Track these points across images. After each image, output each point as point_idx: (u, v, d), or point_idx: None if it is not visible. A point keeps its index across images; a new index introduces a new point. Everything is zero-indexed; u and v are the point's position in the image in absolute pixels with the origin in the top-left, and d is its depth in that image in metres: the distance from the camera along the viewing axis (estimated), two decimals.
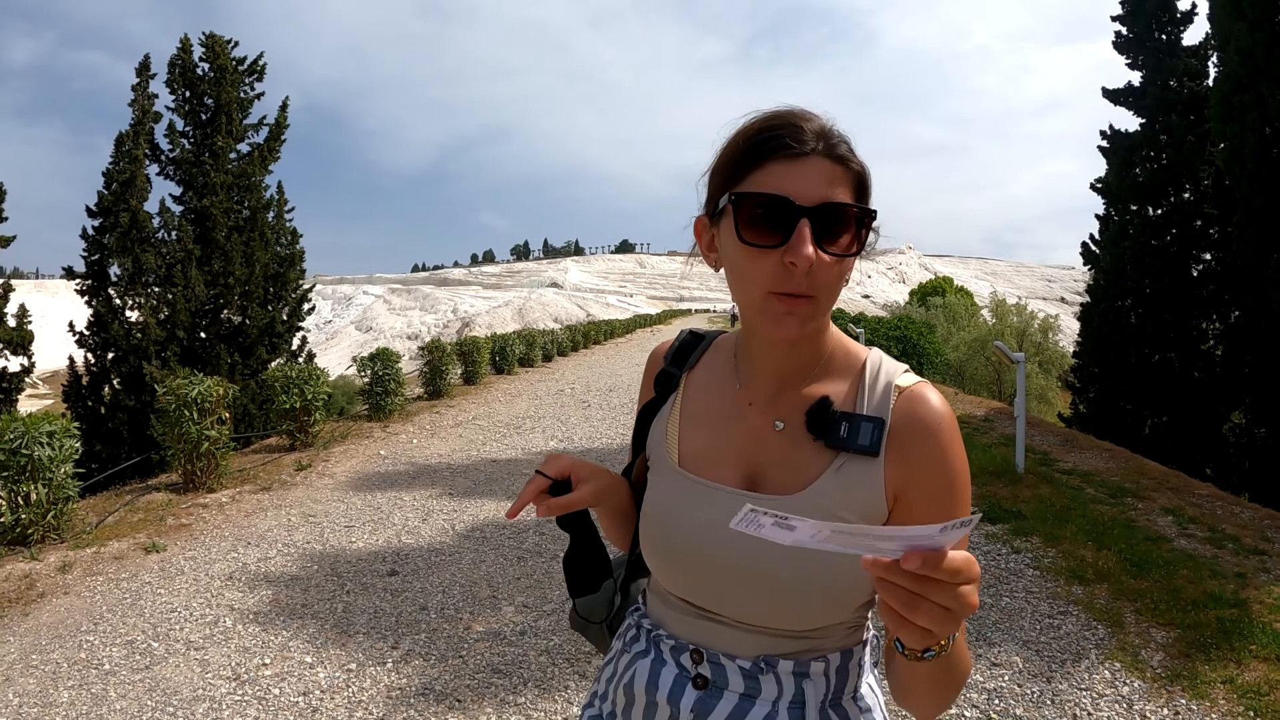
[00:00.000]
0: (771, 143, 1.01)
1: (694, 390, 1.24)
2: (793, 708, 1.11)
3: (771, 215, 0.99)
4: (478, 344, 18.39)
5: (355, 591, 5.34)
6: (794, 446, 1.11)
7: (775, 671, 1.11)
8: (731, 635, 1.13)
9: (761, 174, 1.01)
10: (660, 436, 1.23)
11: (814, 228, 0.98)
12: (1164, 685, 3.78)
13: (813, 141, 1.00)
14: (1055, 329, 37.50)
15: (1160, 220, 15.52)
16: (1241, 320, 13.28)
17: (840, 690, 1.14)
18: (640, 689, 1.19)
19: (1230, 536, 5.89)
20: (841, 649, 1.14)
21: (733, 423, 1.17)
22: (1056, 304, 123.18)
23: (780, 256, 0.99)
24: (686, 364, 1.27)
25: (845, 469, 1.07)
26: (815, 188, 0.99)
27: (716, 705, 1.12)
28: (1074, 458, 8.74)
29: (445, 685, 4.00)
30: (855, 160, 1.04)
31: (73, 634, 4.74)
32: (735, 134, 1.07)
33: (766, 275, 1.01)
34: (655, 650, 1.20)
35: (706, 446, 1.17)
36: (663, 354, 1.31)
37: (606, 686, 1.28)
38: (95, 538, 6.47)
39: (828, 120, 1.05)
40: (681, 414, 1.22)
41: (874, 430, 1.07)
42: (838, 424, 1.08)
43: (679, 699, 1.14)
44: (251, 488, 8.28)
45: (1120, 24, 16.51)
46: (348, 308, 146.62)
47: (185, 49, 17.05)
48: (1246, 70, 11.12)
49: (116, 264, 15.39)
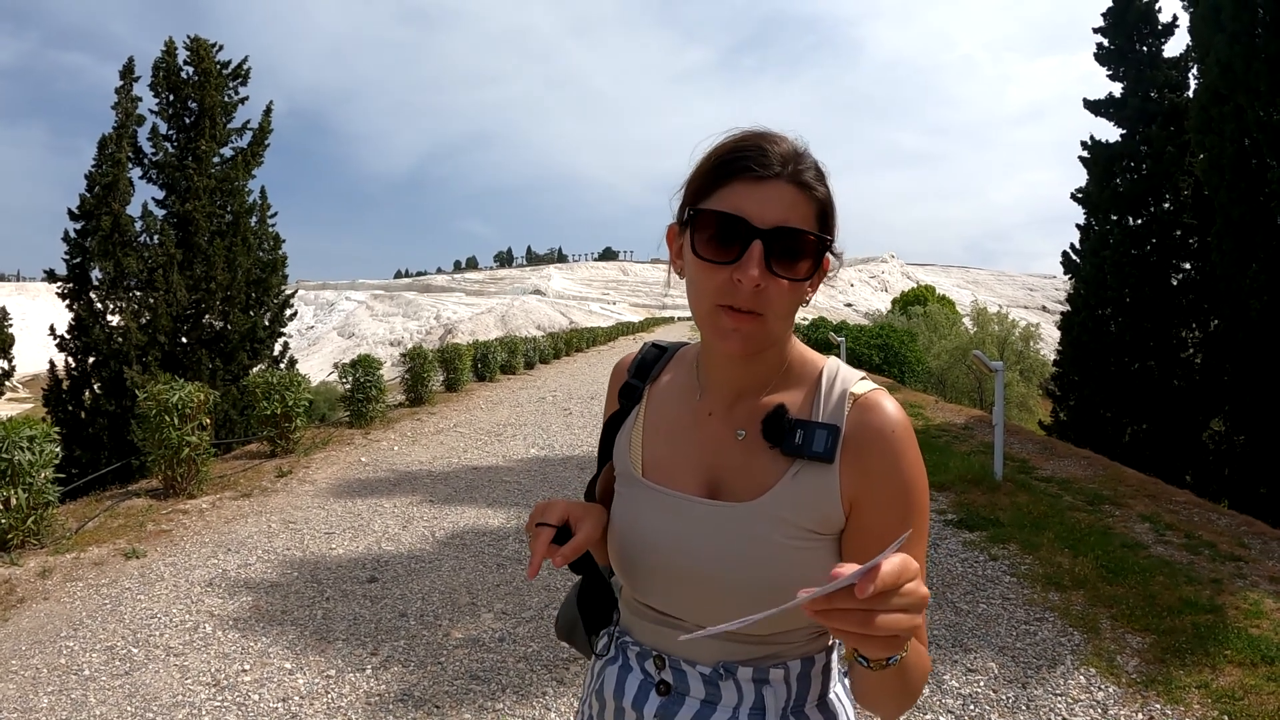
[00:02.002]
0: (738, 163, 1.03)
1: (657, 401, 1.26)
2: (753, 713, 1.11)
3: (727, 233, 1.02)
4: (460, 351, 18.36)
5: (335, 598, 5.33)
6: (753, 455, 1.12)
7: (735, 678, 1.12)
8: (691, 641, 1.12)
9: (725, 192, 1.03)
10: (625, 447, 1.24)
11: (767, 249, 1.00)
12: (1139, 690, 3.82)
13: (778, 166, 1.03)
14: (1036, 337, 37.78)
15: (1140, 230, 15.67)
16: (1220, 329, 13.41)
17: (803, 698, 1.14)
18: (609, 695, 1.21)
19: (1207, 543, 5.94)
20: (803, 656, 1.14)
21: (693, 432, 1.18)
22: (1038, 312, 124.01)
23: (730, 273, 1.01)
24: (649, 376, 1.29)
25: (801, 476, 1.08)
26: (773, 211, 1.01)
27: (678, 711, 1.13)
28: (1052, 465, 8.80)
29: (424, 691, 4.00)
30: (820, 189, 1.06)
31: (52, 639, 4.71)
32: (709, 151, 1.09)
33: (716, 289, 1.03)
34: (623, 657, 1.22)
35: (668, 456, 1.19)
36: (626, 367, 1.33)
37: (586, 692, 1.30)
38: (75, 543, 6.44)
39: (800, 144, 1.07)
40: (645, 425, 1.24)
41: (828, 437, 1.08)
42: (793, 431, 1.09)
43: (643, 705, 1.16)
44: (232, 494, 8.25)
45: (1102, 35, 16.68)
46: (330, 313, 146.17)
47: (170, 52, 17.01)
48: (1225, 82, 11.25)
49: (98, 267, 15.33)
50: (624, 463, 1.24)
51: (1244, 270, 11.16)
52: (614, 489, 1.27)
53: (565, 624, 1.45)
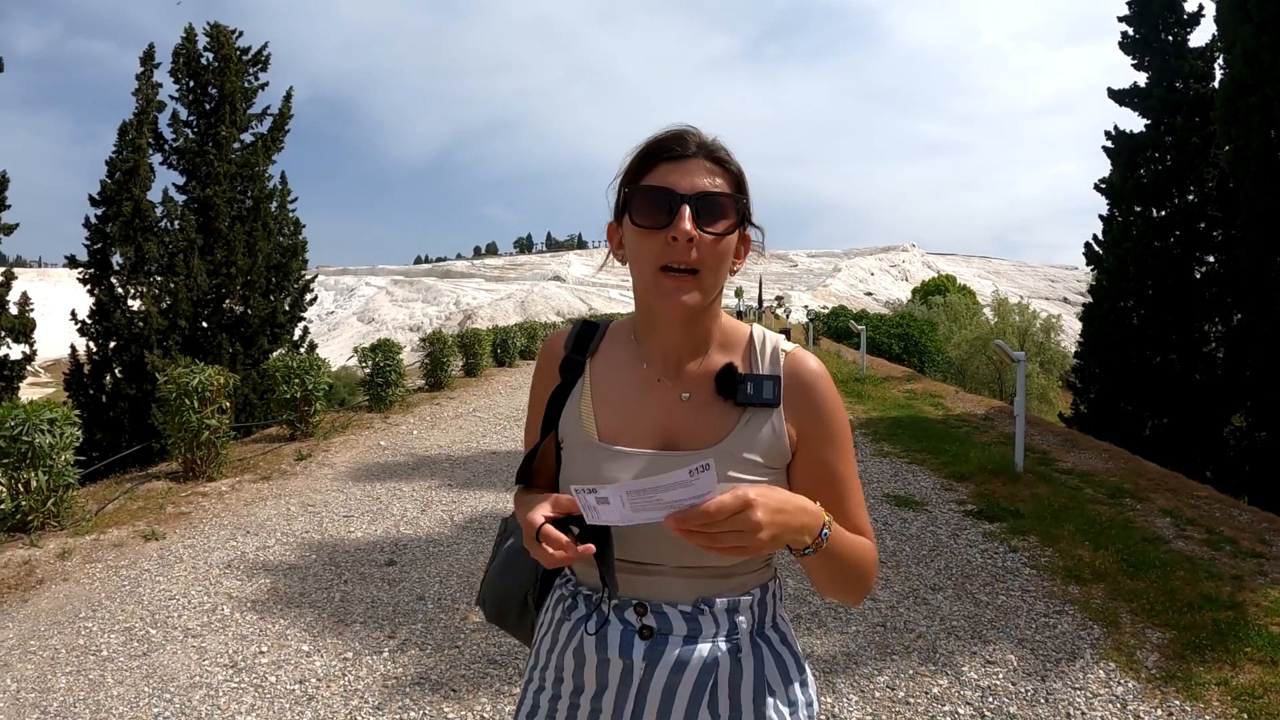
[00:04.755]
0: (660, 150, 1.25)
1: (601, 372, 1.39)
2: (730, 640, 1.29)
3: (658, 202, 1.22)
4: (479, 336, 18.41)
5: (353, 581, 5.35)
6: (702, 411, 1.30)
7: (712, 611, 1.29)
8: (671, 584, 1.29)
9: (652, 174, 1.25)
10: (576, 417, 1.36)
11: (693, 211, 1.20)
12: (1158, 686, 3.78)
13: (694, 147, 1.25)
14: (1057, 329, 37.48)
15: (1164, 222, 15.51)
16: (1243, 323, 13.27)
17: (762, 621, 1.34)
18: (590, 650, 1.31)
19: (1228, 539, 5.88)
20: (760, 585, 1.35)
21: (644, 397, 1.33)
22: (1059, 304, 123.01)
23: (666, 236, 1.20)
24: (588, 350, 1.42)
25: (753, 421, 1.28)
26: (695, 180, 1.22)
27: (664, 650, 1.28)
28: (1073, 458, 8.74)
29: (441, 675, 4.01)
30: (733, 162, 1.28)
31: (71, 620, 4.75)
32: (637, 146, 1.29)
33: (655, 252, 1.22)
34: (597, 613, 1.33)
35: (624, 421, 1.33)
36: (561, 343, 1.45)
37: (548, 658, 1.38)
38: (95, 525, 6.49)
39: (710, 136, 1.28)
40: (595, 395, 1.37)
41: (773, 386, 1.29)
42: (743, 384, 1.29)
43: (630, 651, 1.28)
44: (251, 477, 8.29)
45: (1127, 24, 16.47)
46: (350, 299, 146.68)
47: (190, 39, 17.07)
48: (1252, 73, 11.11)
49: (119, 253, 15.44)
50: (577, 432, 1.35)
51: (1269, 264, 11.04)
52: (561, 459, 1.38)
53: (494, 608, 1.59)
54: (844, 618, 4.60)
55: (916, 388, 15.28)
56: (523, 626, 1.56)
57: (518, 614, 1.56)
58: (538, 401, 1.45)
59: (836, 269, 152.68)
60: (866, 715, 3.58)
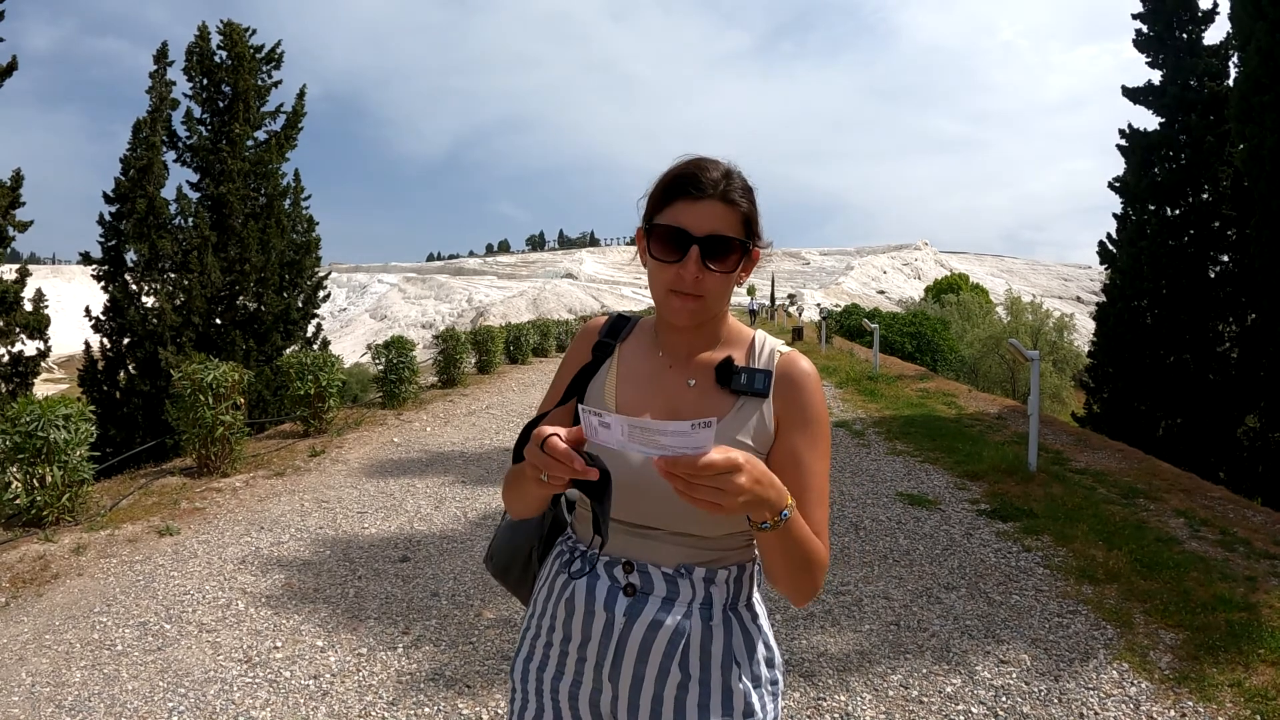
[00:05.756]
0: (679, 187, 1.42)
1: (627, 357, 1.60)
2: (703, 608, 1.45)
3: (673, 241, 1.40)
4: (492, 333, 18.45)
5: (367, 577, 5.38)
6: (704, 396, 1.49)
7: (691, 578, 1.45)
8: (659, 547, 1.46)
9: (671, 209, 1.42)
10: (600, 390, 1.56)
11: (703, 251, 1.39)
12: (1172, 687, 3.78)
13: (710, 189, 1.40)
14: (1070, 328, 37.31)
15: (1178, 220, 15.42)
16: (1258, 323, 13.19)
17: (736, 598, 1.50)
18: (580, 600, 1.49)
19: (1242, 540, 5.86)
20: (739, 563, 1.50)
21: (657, 380, 1.54)
22: (1072, 303, 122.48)
23: (677, 269, 1.40)
24: (620, 336, 1.63)
25: (745, 408, 1.47)
26: (707, 223, 1.39)
27: (643, 608, 1.44)
28: (1086, 457, 8.71)
29: (455, 671, 4.02)
30: (744, 204, 1.43)
31: (86, 615, 4.78)
32: (660, 176, 1.46)
33: (668, 279, 1.42)
34: (591, 567, 1.50)
35: (638, 398, 1.53)
36: (597, 329, 1.67)
37: (545, 605, 1.56)
38: (109, 520, 6.53)
39: (731, 167, 1.44)
40: (618, 374, 1.58)
41: (765, 379, 1.48)
42: (739, 375, 1.47)
43: (613, 605, 1.46)
44: (265, 473, 8.33)
45: (1141, 22, 16.39)
46: (363, 296, 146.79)
47: (203, 37, 17.13)
48: (1267, 71, 11.04)
49: (133, 250, 15.51)
50: (599, 403, 1.54)
51: None
52: None
53: (503, 560, 1.75)
54: (857, 616, 4.60)
55: (929, 386, 15.22)
56: (524, 584, 1.74)
57: (521, 569, 1.74)
58: (566, 372, 1.63)
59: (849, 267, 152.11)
60: (880, 714, 3.59)
